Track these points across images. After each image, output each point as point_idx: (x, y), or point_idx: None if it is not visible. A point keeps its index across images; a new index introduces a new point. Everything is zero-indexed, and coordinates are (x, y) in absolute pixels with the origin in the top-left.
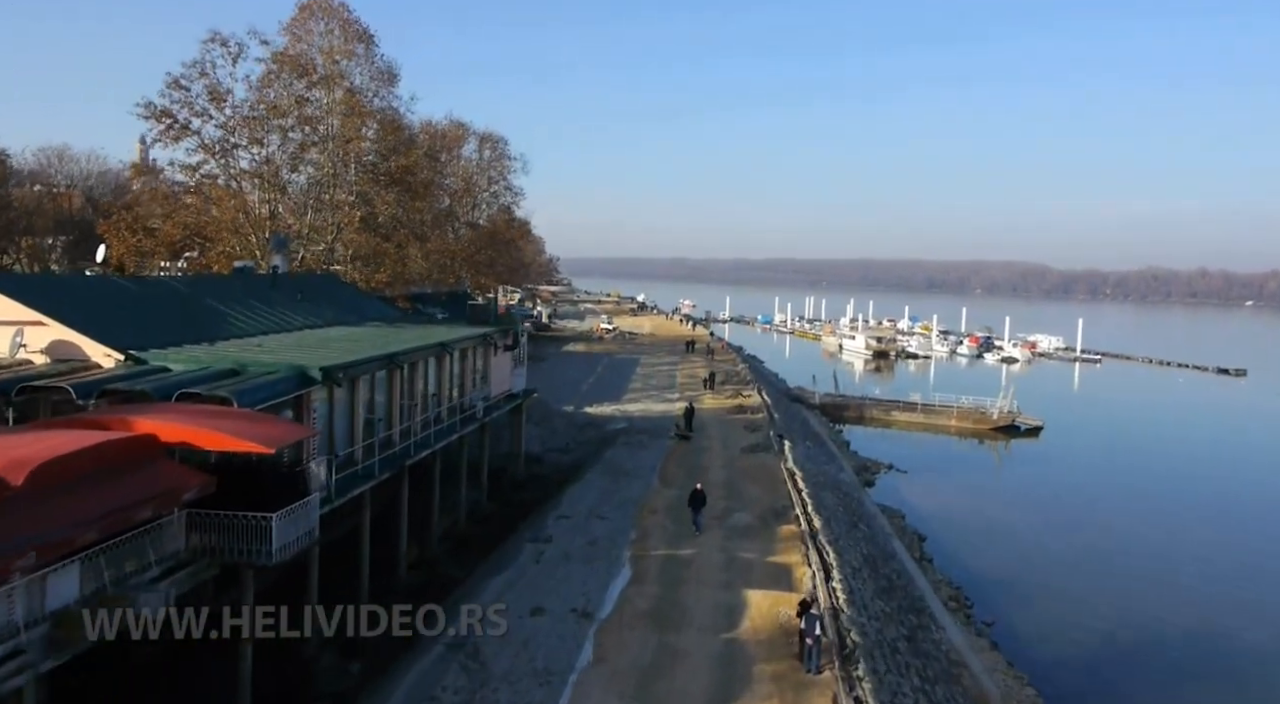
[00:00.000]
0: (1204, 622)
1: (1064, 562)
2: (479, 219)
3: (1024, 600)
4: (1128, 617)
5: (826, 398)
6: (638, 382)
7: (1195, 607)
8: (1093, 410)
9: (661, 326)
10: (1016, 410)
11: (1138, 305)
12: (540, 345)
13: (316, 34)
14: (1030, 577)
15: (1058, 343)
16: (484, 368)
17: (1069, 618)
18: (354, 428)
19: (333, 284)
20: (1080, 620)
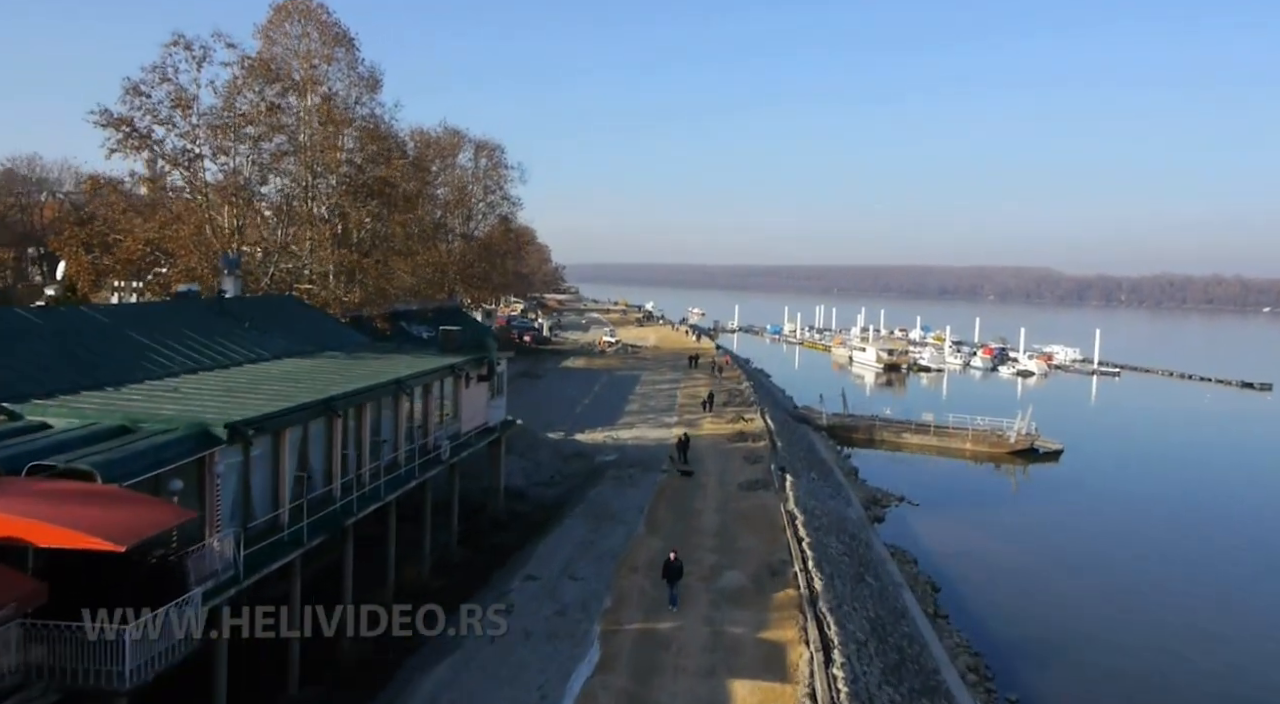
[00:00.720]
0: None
1: (1093, 615)
2: (475, 230)
3: (1051, 668)
4: (1170, 690)
5: (834, 418)
6: (635, 402)
7: (1250, 681)
8: (1115, 431)
9: (667, 338)
10: (1035, 433)
11: (1152, 312)
12: (539, 360)
13: (292, 37)
14: (1056, 636)
15: (1074, 354)
16: (453, 402)
17: (1103, 690)
18: (279, 488)
19: (292, 308)
20: (1116, 694)
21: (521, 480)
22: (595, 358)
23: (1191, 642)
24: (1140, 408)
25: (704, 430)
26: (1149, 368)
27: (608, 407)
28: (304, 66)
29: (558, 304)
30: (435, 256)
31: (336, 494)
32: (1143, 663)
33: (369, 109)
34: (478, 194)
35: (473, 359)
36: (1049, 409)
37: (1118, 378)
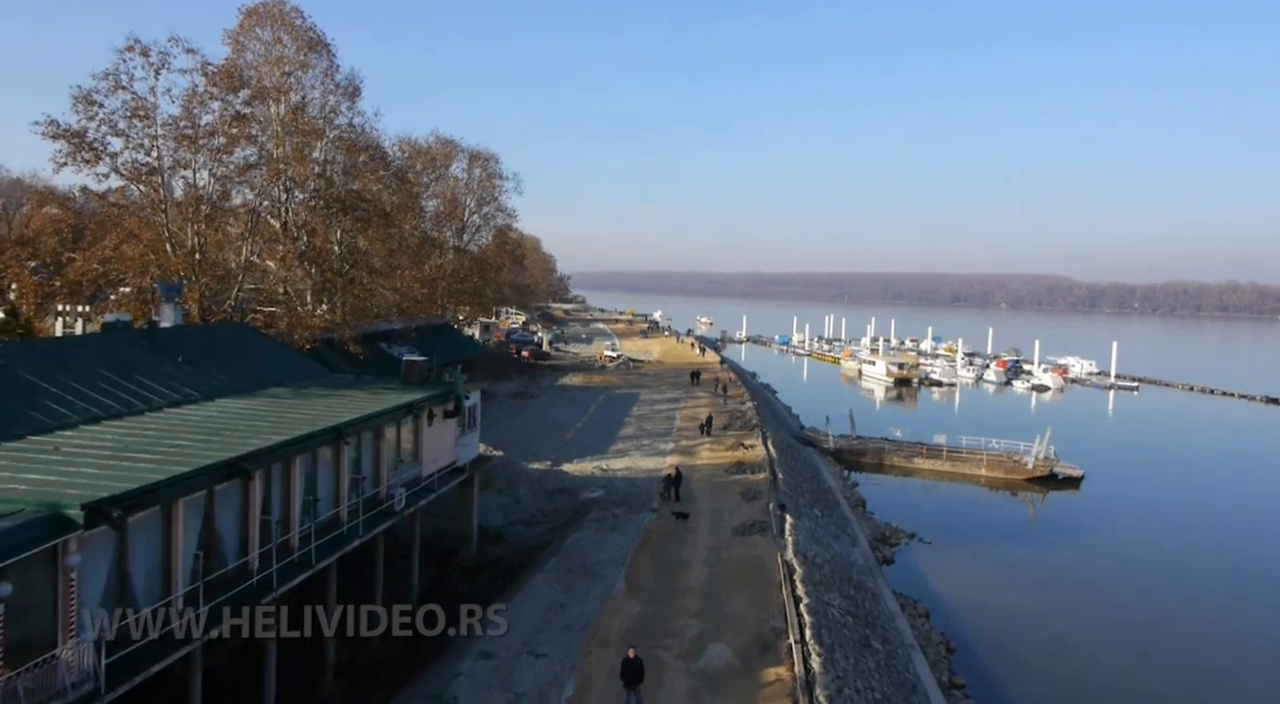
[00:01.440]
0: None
1: (1120, 680)
2: (468, 243)
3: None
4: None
5: (841, 441)
6: (630, 425)
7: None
8: (1137, 454)
9: (671, 351)
10: (1054, 458)
11: (1166, 320)
12: (535, 378)
13: (264, 43)
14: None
15: (1090, 367)
16: (413, 443)
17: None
18: (172, 570)
19: (241, 338)
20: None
21: (500, 519)
22: (595, 374)
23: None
24: (1162, 426)
25: (700, 459)
26: (1168, 381)
27: (601, 431)
28: (276, 73)
29: (564, 314)
30: (424, 271)
31: (254, 567)
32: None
33: (347, 118)
34: (471, 205)
35: (436, 394)
36: (1066, 428)
37: (1135, 392)
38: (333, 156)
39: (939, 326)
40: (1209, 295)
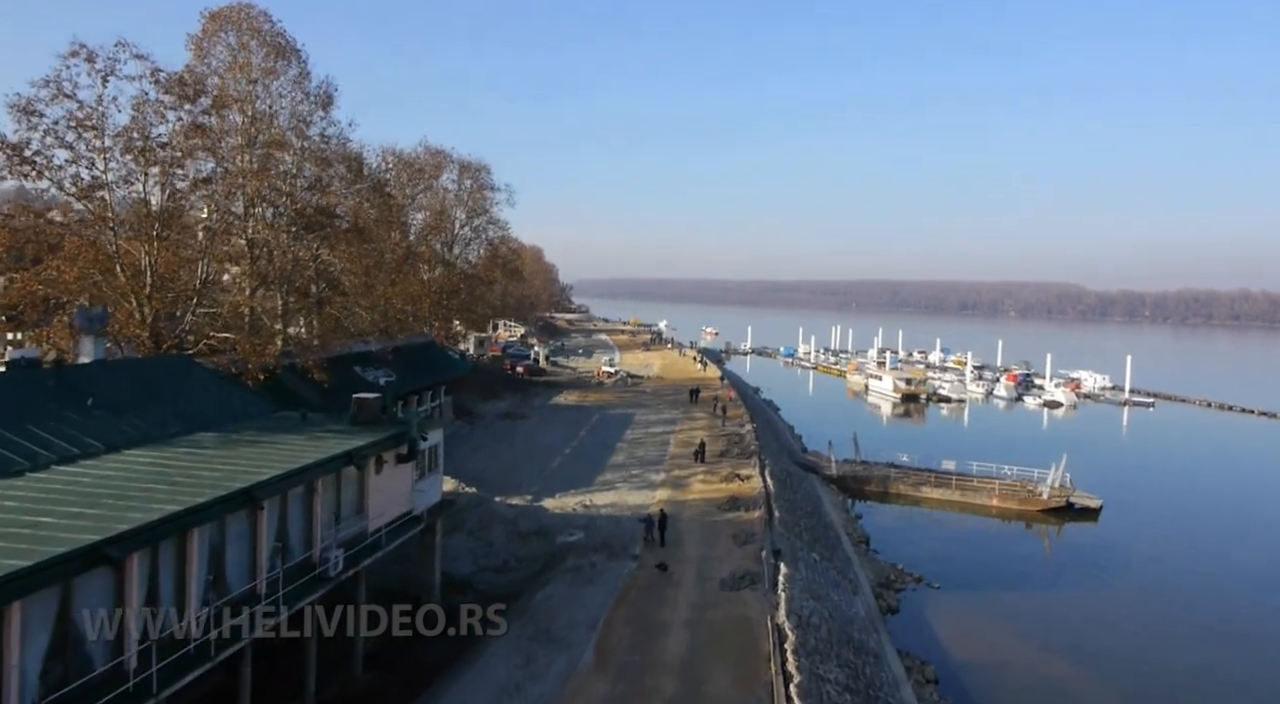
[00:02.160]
0: None
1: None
2: (459, 256)
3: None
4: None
5: (845, 467)
6: (621, 452)
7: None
8: (1157, 479)
9: (672, 365)
10: (1070, 486)
11: (1177, 328)
12: (528, 396)
13: (226, 49)
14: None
15: (1104, 381)
16: (356, 495)
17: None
18: (5, 688)
19: (178, 372)
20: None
21: (469, 566)
22: (591, 392)
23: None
24: (1181, 447)
25: (692, 493)
26: (1184, 397)
27: (589, 459)
28: (242, 81)
29: (567, 324)
30: (408, 288)
31: (130, 669)
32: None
33: (320, 129)
34: (460, 218)
35: (385, 438)
36: (1081, 451)
37: (1151, 409)
38: (300, 169)
39: (947, 337)
40: (1220, 303)
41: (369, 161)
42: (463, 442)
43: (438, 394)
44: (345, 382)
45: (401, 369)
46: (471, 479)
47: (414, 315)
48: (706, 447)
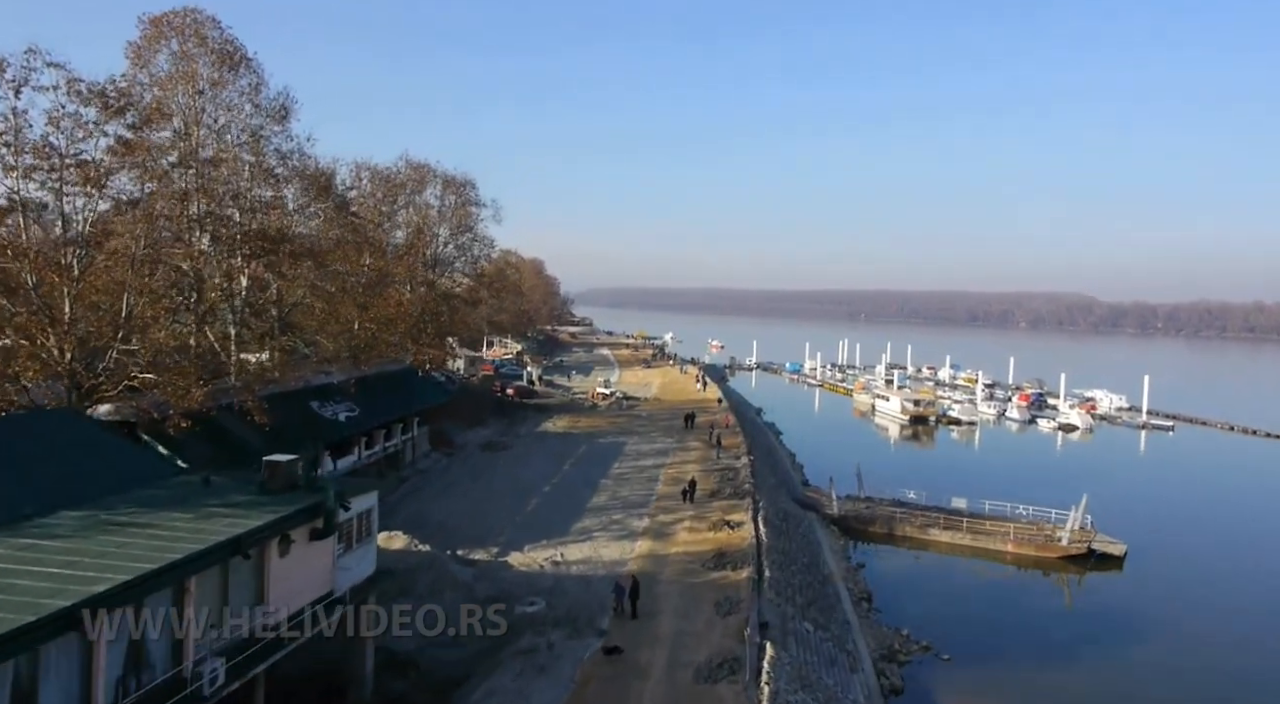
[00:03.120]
0: None
1: None
2: (441, 276)
3: None
4: None
5: (848, 504)
6: (604, 492)
7: None
8: (1184, 517)
9: (672, 385)
10: (1091, 529)
11: (1190, 341)
12: (516, 421)
13: (167, 57)
14: None
15: (1120, 402)
16: (253, 584)
17: None
18: None
19: (48, 432)
20: None
21: (415, 640)
22: (583, 416)
23: None
24: (1207, 477)
25: (676, 545)
26: (1205, 420)
27: (568, 500)
28: (188, 92)
29: (570, 337)
30: (383, 311)
31: None
32: None
33: (275, 144)
34: (443, 235)
35: (293, 514)
36: (1100, 482)
37: (1171, 432)
38: (248, 188)
39: (957, 350)
40: (1234, 316)
41: (342, 177)
42: (436, 478)
43: (410, 426)
44: (299, 420)
45: (368, 401)
46: (435, 528)
47: (388, 341)
48: (697, 485)
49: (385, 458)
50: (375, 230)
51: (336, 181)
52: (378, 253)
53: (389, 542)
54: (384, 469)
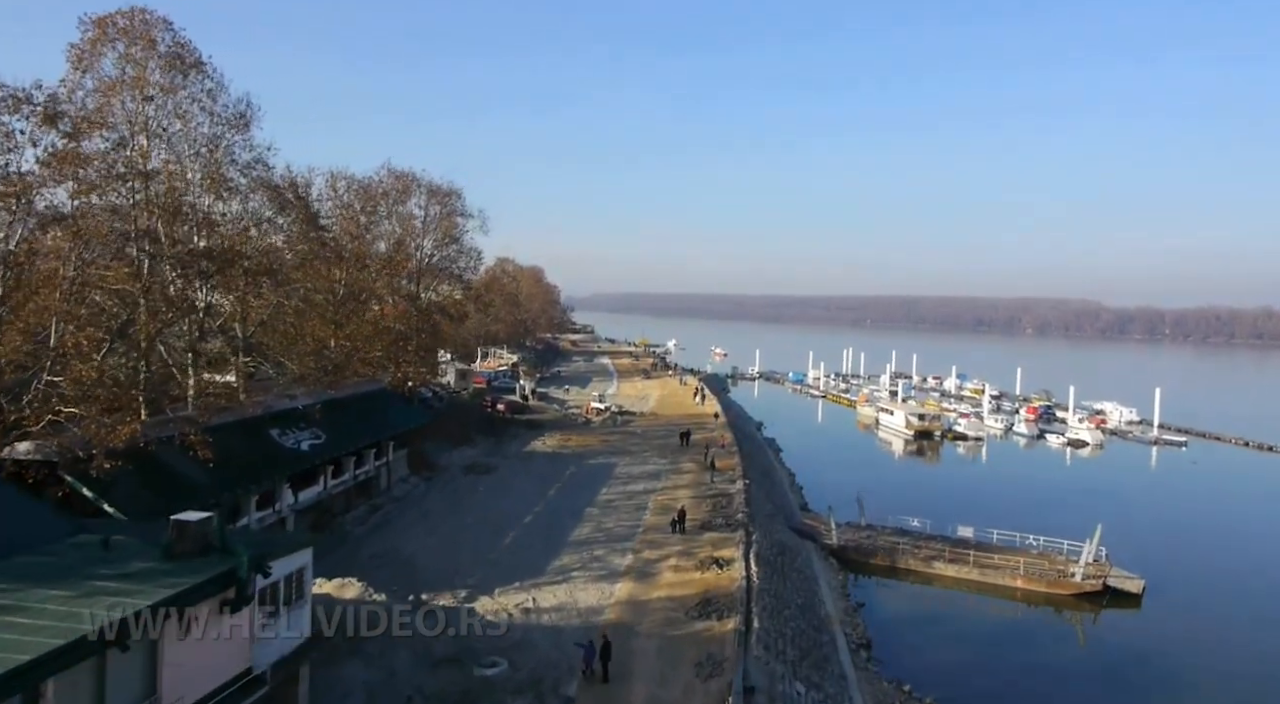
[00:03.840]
0: None
1: None
2: (426, 289)
3: None
4: None
5: (848, 533)
6: (589, 522)
7: None
8: (1204, 545)
9: (670, 397)
10: (1105, 562)
11: (1199, 347)
12: (504, 440)
13: (114, 61)
14: None
15: (1130, 415)
16: (140, 672)
17: None
18: None
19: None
20: None
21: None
22: (574, 433)
23: None
24: (1225, 500)
25: (659, 586)
26: (1219, 435)
27: (549, 532)
28: (136, 99)
29: (570, 345)
30: (360, 329)
31: None
32: None
33: (232, 155)
34: (427, 248)
35: (193, 588)
36: (1113, 504)
37: (1184, 448)
38: (200, 202)
39: (964, 359)
40: (1243, 322)
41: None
42: (411, 506)
43: (385, 451)
44: (255, 451)
45: (337, 426)
46: (402, 565)
47: (366, 359)
48: (687, 515)
49: (356, 486)
50: (353, 243)
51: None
52: (356, 267)
53: (341, 590)
54: (354, 498)
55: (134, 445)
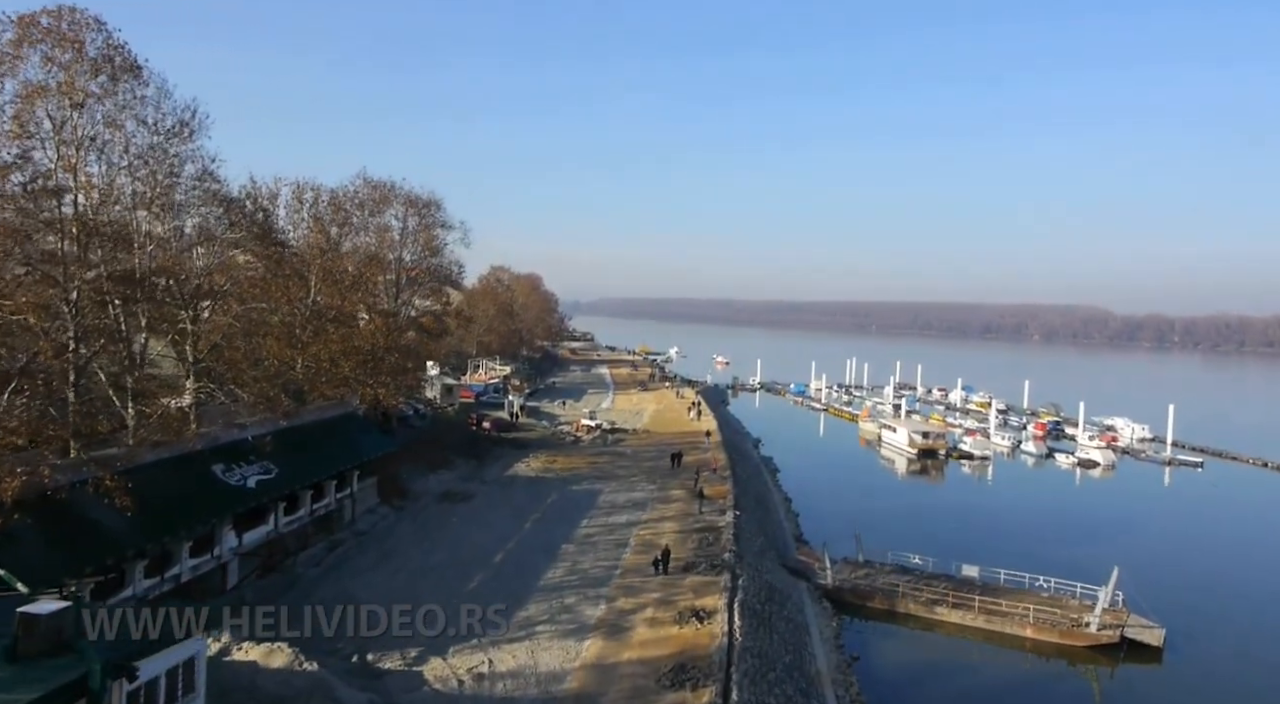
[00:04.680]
0: None
1: None
2: (403, 305)
3: None
4: None
5: (843, 573)
6: (564, 561)
7: None
8: (1229, 590)
9: (666, 412)
10: (1123, 609)
11: (1208, 355)
12: (485, 462)
13: (33, 65)
14: None
15: (1142, 432)
16: None
17: None
18: None
19: None
20: None
21: None
22: (561, 454)
23: None
24: (1248, 530)
25: (631, 644)
26: (1235, 454)
27: (518, 575)
28: (62, 105)
29: (570, 353)
30: (328, 347)
31: None
32: None
33: (173, 168)
34: (406, 260)
35: (40, 700)
36: (1127, 532)
37: (1200, 469)
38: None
39: (969, 369)
40: (1254, 330)
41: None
42: (374, 542)
43: (349, 481)
44: (192, 491)
45: (292, 457)
46: (351, 618)
47: (338, 379)
48: (670, 554)
49: (314, 522)
50: (321, 258)
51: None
52: (326, 282)
53: (269, 657)
54: (311, 534)
55: (40, 493)
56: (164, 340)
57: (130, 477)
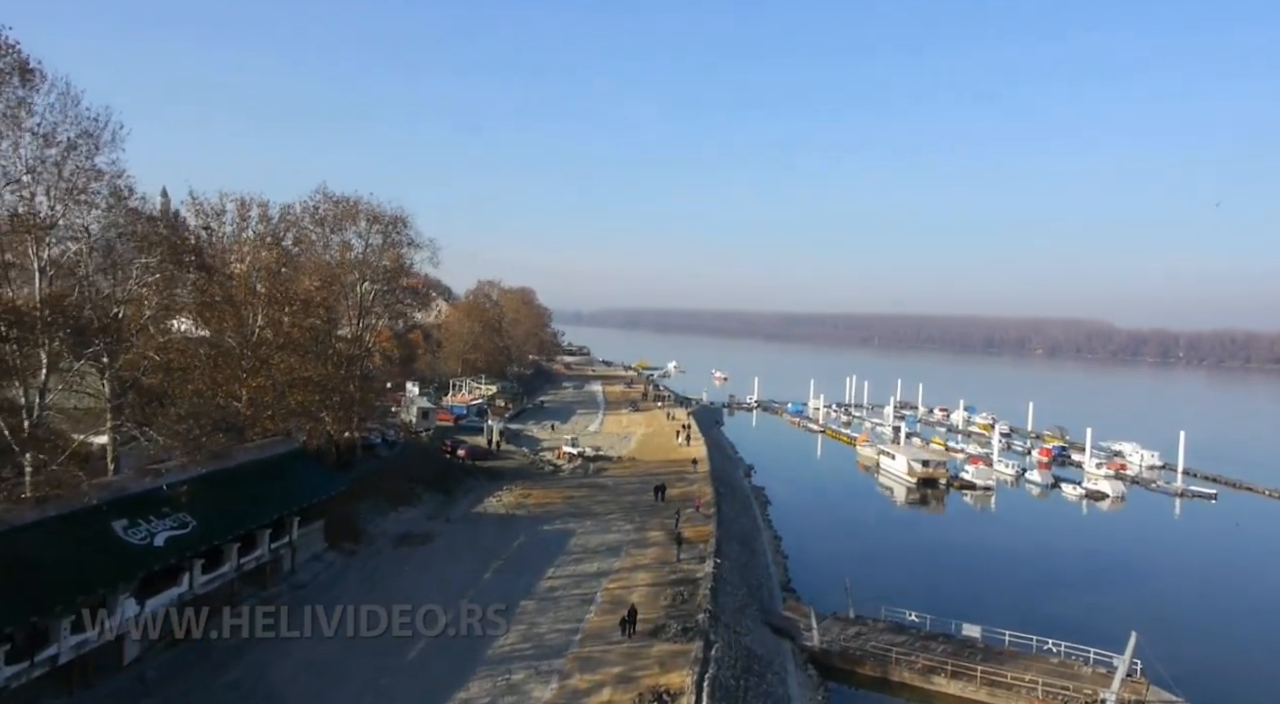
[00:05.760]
0: None
1: None
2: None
3: None
4: None
5: (831, 632)
6: (519, 624)
7: None
8: (1255, 650)
9: (655, 436)
10: (1143, 682)
11: (1213, 371)
12: (456, 497)
13: None
14: None
15: (1152, 459)
16: None
17: None
18: None
19: None
20: None
21: None
22: (537, 486)
23: None
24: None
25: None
26: (1250, 485)
27: (467, 639)
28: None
29: (564, 368)
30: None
31: None
32: None
33: (72, 183)
34: (365, 282)
35: None
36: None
37: (1214, 501)
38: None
39: (972, 387)
40: (1260, 345)
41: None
42: (311, 598)
43: (288, 528)
44: (83, 554)
45: (215, 506)
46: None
47: (275, 413)
48: (638, 613)
49: (242, 577)
50: (269, 280)
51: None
52: (273, 306)
53: None
54: (239, 592)
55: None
56: (70, 377)
57: (1, 541)
